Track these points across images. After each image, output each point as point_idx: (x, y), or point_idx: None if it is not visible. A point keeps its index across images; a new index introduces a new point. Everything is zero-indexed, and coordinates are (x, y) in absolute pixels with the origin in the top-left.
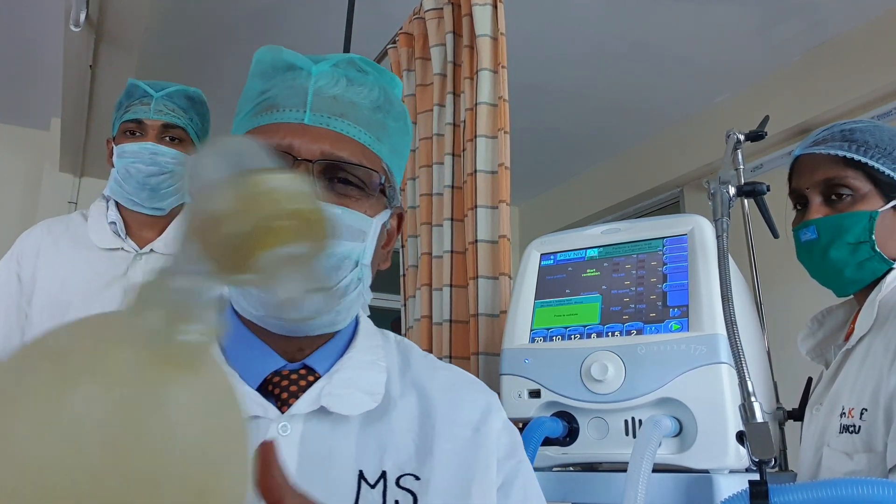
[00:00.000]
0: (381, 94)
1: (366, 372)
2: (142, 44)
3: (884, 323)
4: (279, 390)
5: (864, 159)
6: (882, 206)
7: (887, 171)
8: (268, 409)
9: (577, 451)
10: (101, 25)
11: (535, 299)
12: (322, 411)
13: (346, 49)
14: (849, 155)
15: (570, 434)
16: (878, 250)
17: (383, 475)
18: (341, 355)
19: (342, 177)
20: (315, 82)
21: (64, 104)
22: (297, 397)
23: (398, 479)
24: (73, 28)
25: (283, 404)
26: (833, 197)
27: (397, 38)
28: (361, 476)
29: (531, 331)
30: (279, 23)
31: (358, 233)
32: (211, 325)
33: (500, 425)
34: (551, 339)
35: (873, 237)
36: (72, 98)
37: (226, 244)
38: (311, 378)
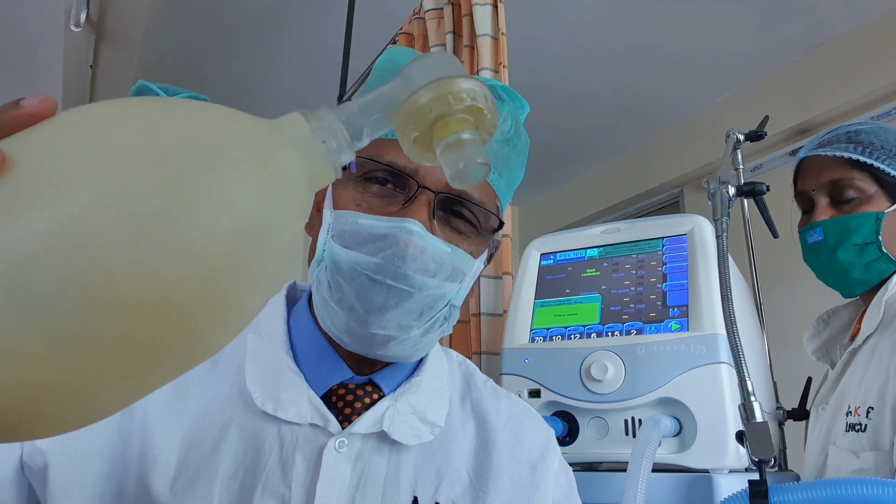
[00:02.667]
0: (512, 126)
1: (431, 401)
2: (142, 44)
3: (890, 322)
4: (343, 403)
5: (869, 161)
6: (888, 208)
7: (893, 173)
8: (329, 421)
9: (577, 451)
10: (101, 25)
11: (535, 299)
12: (382, 434)
13: (346, 49)
14: (854, 156)
15: (570, 434)
16: (885, 251)
17: None
18: (409, 376)
19: (459, 211)
20: None
21: (64, 104)
22: (359, 414)
23: None
24: (73, 28)
25: (344, 419)
26: (839, 198)
27: (397, 38)
28: (416, 503)
29: (531, 330)
30: (279, 23)
31: (459, 274)
32: (338, 157)
33: (558, 465)
34: (551, 339)
35: (880, 238)
36: (72, 98)
37: (424, 124)
38: (375, 396)
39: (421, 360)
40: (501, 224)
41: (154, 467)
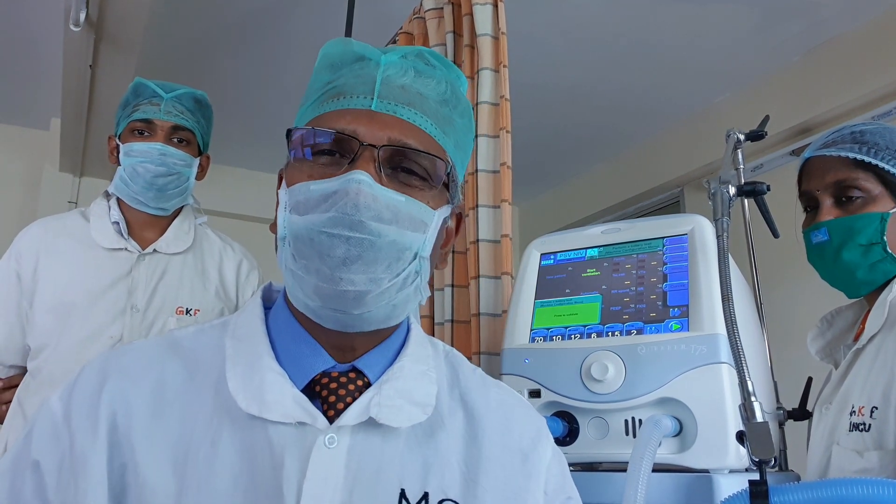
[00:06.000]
0: (448, 89)
1: (417, 383)
2: (142, 44)
3: (895, 323)
4: (327, 392)
5: (874, 161)
6: (893, 208)
7: None
8: (316, 417)
9: (577, 451)
10: (101, 25)
11: (535, 299)
12: (370, 423)
13: None
14: (859, 157)
15: (570, 434)
16: (890, 251)
17: (425, 496)
18: (392, 362)
19: (406, 166)
20: (383, 71)
21: (64, 104)
22: (344, 402)
23: (440, 502)
24: (72, 28)
25: (329, 408)
26: (844, 199)
27: (397, 38)
28: (403, 495)
29: (531, 330)
30: (279, 23)
31: (419, 223)
32: None
33: (551, 454)
34: (551, 339)
35: (885, 238)
36: (72, 98)
37: None
38: (359, 382)
39: (402, 346)
40: (452, 178)
41: (153, 500)
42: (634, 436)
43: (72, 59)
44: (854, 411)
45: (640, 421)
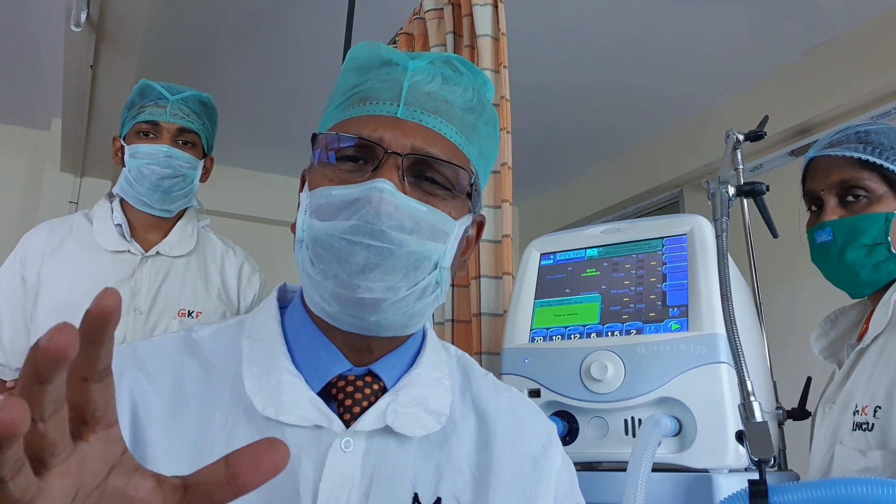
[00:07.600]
0: (475, 96)
1: (433, 391)
2: (142, 44)
3: None
4: (343, 395)
5: (879, 161)
6: None
7: None
8: (332, 421)
9: (577, 451)
10: (101, 26)
11: (534, 299)
12: (386, 429)
13: (346, 49)
14: (864, 157)
15: (570, 434)
16: (894, 252)
17: (438, 502)
18: (408, 368)
19: (430, 175)
20: (410, 77)
21: (64, 104)
22: (360, 406)
23: None
24: (73, 28)
25: (345, 411)
26: (848, 198)
27: (397, 38)
28: (416, 500)
29: (531, 330)
30: (279, 23)
31: (440, 234)
32: None
33: (560, 460)
34: (551, 339)
35: (889, 238)
36: (72, 98)
37: None
38: (375, 387)
39: (418, 352)
40: (475, 187)
41: None
42: (634, 435)
43: (73, 60)
44: (857, 411)
45: (640, 421)
